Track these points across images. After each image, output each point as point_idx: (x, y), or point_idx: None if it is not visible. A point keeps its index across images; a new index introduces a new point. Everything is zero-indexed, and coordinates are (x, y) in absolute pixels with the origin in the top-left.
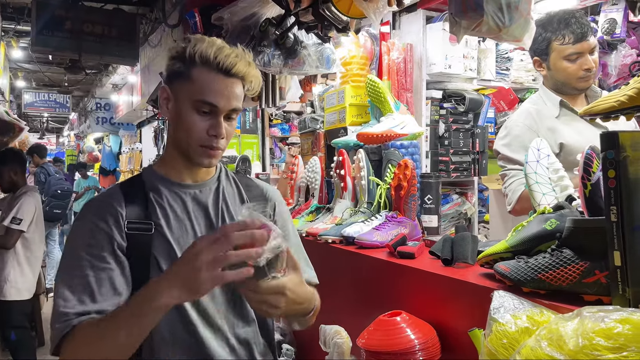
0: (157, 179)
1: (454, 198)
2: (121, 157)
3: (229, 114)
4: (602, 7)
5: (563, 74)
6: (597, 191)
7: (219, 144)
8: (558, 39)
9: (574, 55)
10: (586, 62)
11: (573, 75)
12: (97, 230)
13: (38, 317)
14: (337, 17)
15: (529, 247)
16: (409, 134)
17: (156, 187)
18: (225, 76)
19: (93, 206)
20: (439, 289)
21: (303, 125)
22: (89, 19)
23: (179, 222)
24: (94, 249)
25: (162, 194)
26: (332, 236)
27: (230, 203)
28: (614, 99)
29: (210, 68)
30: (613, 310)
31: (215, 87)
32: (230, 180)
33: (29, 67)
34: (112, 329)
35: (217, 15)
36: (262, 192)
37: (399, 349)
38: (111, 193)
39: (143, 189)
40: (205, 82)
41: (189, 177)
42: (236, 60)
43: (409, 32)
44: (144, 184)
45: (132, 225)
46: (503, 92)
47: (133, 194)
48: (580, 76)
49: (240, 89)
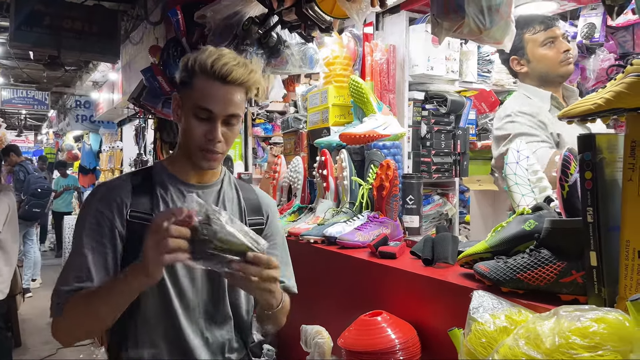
0: (165, 175)
1: (435, 199)
2: (101, 155)
3: (227, 120)
4: (582, 12)
5: (544, 62)
6: (575, 192)
7: (216, 148)
8: (529, 31)
9: (548, 40)
10: (562, 45)
11: (554, 60)
12: (100, 217)
13: (14, 318)
14: (321, 17)
15: (508, 248)
16: (391, 135)
17: (163, 183)
18: (222, 83)
19: (100, 193)
20: (419, 289)
21: (286, 124)
22: (69, 15)
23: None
24: (95, 234)
25: (168, 190)
26: (314, 236)
27: (228, 206)
28: (591, 102)
29: (208, 76)
30: (589, 310)
31: (211, 93)
32: (232, 185)
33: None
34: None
35: (199, 13)
36: (257, 201)
37: (379, 349)
38: (120, 182)
39: (151, 183)
40: (203, 89)
41: (194, 177)
42: (233, 68)
43: (392, 33)
44: (153, 178)
45: (134, 214)
46: (484, 94)
47: (141, 186)
48: (561, 59)
49: (239, 95)
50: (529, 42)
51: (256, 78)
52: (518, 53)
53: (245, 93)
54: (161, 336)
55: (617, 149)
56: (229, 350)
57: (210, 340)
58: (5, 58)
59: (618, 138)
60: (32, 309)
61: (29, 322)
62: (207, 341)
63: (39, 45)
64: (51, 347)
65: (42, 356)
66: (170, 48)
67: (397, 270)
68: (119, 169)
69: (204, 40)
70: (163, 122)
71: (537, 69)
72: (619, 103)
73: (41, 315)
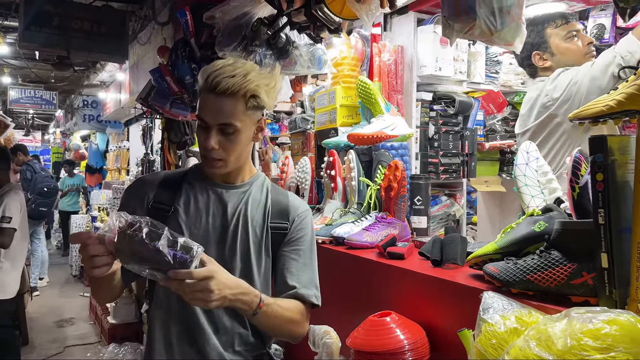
0: (197, 175)
1: (442, 200)
2: (108, 155)
3: (222, 129)
4: (591, 13)
5: (569, 55)
6: (585, 194)
7: (214, 155)
8: (551, 25)
9: (572, 33)
10: (585, 38)
11: (579, 52)
12: (126, 205)
13: (22, 316)
14: (330, 18)
15: (517, 249)
16: (399, 136)
17: (192, 181)
18: (213, 94)
19: (133, 185)
20: (428, 289)
21: (293, 125)
22: (78, 16)
23: (197, 212)
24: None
25: (195, 187)
26: (322, 236)
27: (250, 207)
28: (603, 104)
29: (204, 88)
30: (601, 312)
31: (205, 104)
32: (262, 189)
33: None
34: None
35: (208, 14)
36: (286, 206)
37: (388, 349)
38: (152, 177)
39: (182, 181)
40: (201, 100)
41: (220, 178)
42: (223, 79)
43: (400, 34)
44: (185, 177)
45: (154, 206)
46: (492, 95)
47: (171, 181)
48: (586, 52)
49: (232, 104)
50: (552, 35)
51: (251, 87)
52: (540, 48)
53: (244, 103)
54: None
55: (629, 150)
56: (240, 343)
57: (221, 331)
58: (14, 58)
59: (630, 140)
60: (40, 307)
61: (36, 321)
62: (217, 330)
63: (48, 46)
64: (58, 345)
65: (50, 354)
66: (179, 49)
67: (406, 270)
68: (125, 169)
69: (213, 41)
70: (171, 123)
71: (562, 61)
72: (631, 105)
73: (48, 314)
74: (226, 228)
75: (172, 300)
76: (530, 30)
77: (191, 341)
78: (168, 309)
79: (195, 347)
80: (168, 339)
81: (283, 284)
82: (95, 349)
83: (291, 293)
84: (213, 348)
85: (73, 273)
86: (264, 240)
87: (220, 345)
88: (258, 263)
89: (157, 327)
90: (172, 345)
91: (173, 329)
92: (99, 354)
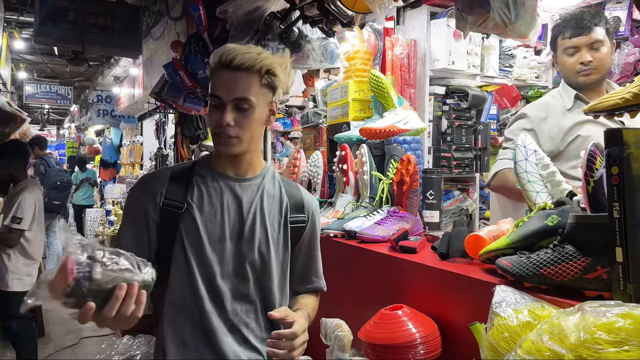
0: (206, 167)
1: (455, 194)
2: (122, 149)
3: (237, 104)
4: (607, 5)
5: (563, 68)
6: (600, 188)
7: (228, 132)
8: (561, 35)
9: (570, 50)
10: (582, 56)
11: (571, 69)
12: (136, 203)
13: (38, 308)
14: (342, 12)
15: (530, 243)
16: (411, 130)
17: (203, 174)
18: (228, 69)
19: (140, 181)
20: (440, 283)
21: (306, 119)
22: (92, 11)
23: (212, 207)
24: (133, 218)
25: (206, 180)
26: (334, 230)
27: (266, 202)
28: (619, 96)
29: (218, 66)
30: (615, 305)
31: (219, 80)
32: (274, 181)
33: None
34: None
35: (221, 9)
36: (301, 199)
37: (400, 343)
38: (160, 173)
39: (191, 174)
40: (214, 78)
41: (231, 170)
42: (238, 54)
43: (413, 27)
44: (194, 170)
45: (167, 202)
46: (506, 89)
47: (180, 175)
48: (577, 70)
49: (248, 79)
50: (559, 46)
51: (266, 62)
52: (553, 53)
53: (259, 78)
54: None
55: None
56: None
57: (235, 328)
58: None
59: None
60: None
61: (52, 313)
62: (232, 327)
63: (63, 41)
64: (73, 337)
65: (65, 345)
66: (192, 43)
67: (418, 264)
68: (139, 163)
69: (226, 35)
70: (184, 117)
71: (561, 71)
72: None
73: None
74: (243, 223)
75: (185, 298)
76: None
77: (205, 339)
78: (181, 306)
79: (210, 345)
80: (181, 337)
81: (304, 277)
82: (110, 340)
83: (312, 287)
84: (228, 347)
85: None
86: (282, 235)
87: (235, 343)
88: (277, 257)
89: (168, 325)
90: (186, 344)
91: (186, 327)
92: (113, 345)
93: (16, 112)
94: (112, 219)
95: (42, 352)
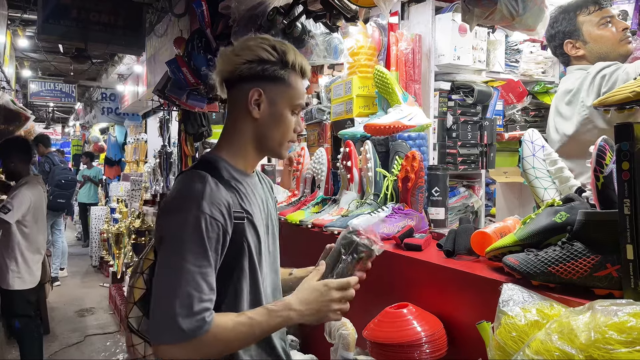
0: (228, 167)
1: (461, 191)
2: (126, 147)
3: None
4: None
5: (602, 42)
6: (610, 184)
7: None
8: (583, 12)
9: (606, 19)
10: (619, 23)
11: (613, 39)
12: (212, 221)
13: (43, 306)
14: (346, 6)
15: (538, 240)
16: (416, 126)
17: (232, 176)
18: (305, 79)
19: (203, 192)
20: (446, 281)
21: (309, 116)
22: (96, 8)
23: (259, 210)
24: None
25: (239, 182)
26: (338, 227)
27: (269, 195)
28: (629, 90)
29: (300, 75)
30: (626, 304)
31: (303, 90)
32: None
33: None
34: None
35: (224, 4)
36: (271, 184)
37: (405, 341)
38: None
39: (224, 177)
40: (298, 87)
41: (250, 167)
42: (306, 65)
43: (418, 22)
44: (221, 171)
45: (235, 214)
46: (512, 84)
47: (224, 181)
48: (621, 38)
49: None
50: (584, 23)
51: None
52: (572, 36)
53: None
54: None
55: None
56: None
57: None
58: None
59: None
60: (60, 297)
61: (57, 310)
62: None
63: (67, 38)
64: (79, 334)
65: (70, 343)
66: (195, 39)
67: (423, 262)
68: (143, 161)
69: (229, 31)
70: (187, 114)
71: (595, 49)
72: None
73: (69, 304)
74: (271, 217)
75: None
76: (562, 18)
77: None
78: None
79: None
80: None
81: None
82: (115, 338)
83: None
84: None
85: (93, 264)
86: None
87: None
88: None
89: None
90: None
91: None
92: (118, 343)
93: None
94: (116, 217)
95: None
